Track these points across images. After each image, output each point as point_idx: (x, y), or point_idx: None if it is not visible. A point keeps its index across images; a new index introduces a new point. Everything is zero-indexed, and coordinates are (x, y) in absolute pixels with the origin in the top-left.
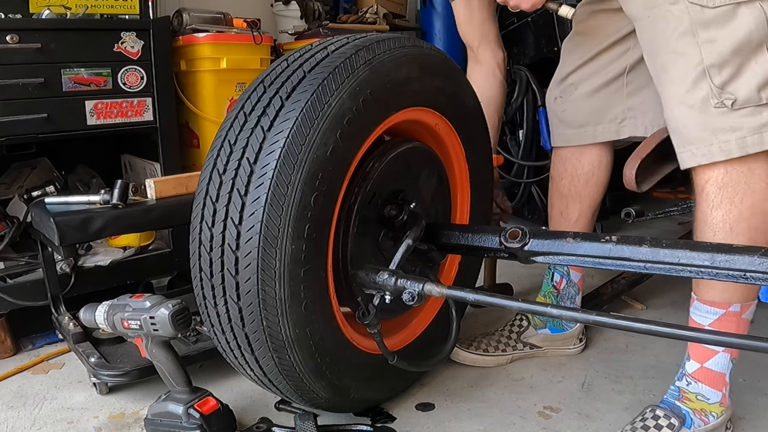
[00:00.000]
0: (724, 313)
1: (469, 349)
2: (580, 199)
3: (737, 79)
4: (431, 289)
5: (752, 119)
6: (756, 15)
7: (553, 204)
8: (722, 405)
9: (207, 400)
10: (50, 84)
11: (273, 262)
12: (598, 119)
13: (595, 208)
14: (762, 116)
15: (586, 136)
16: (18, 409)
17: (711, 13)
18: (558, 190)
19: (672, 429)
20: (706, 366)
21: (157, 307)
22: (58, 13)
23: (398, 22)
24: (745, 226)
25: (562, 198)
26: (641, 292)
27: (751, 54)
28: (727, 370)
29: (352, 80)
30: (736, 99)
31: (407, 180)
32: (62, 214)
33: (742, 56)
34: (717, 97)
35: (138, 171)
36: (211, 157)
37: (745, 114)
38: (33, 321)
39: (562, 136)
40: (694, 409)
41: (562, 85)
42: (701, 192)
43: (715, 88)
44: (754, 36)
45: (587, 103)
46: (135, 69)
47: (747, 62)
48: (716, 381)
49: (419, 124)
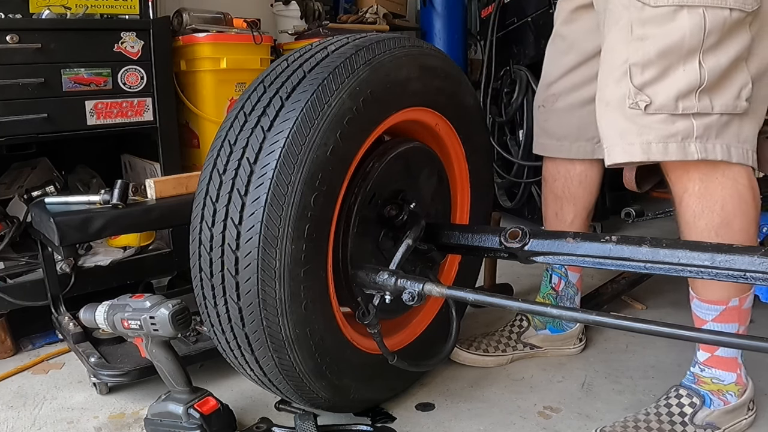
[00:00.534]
0: (724, 309)
1: (469, 350)
2: (574, 200)
3: (658, 83)
4: (431, 289)
5: (663, 126)
6: (695, 21)
7: (548, 205)
8: (738, 384)
9: (207, 400)
10: (50, 84)
11: (273, 262)
12: (576, 135)
13: (590, 209)
14: (674, 126)
15: (562, 150)
16: (18, 409)
17: (651, 12)
18: (552, 192)
19: (693, 407)
20: (716, 354)
21: (157, 307)
22: (58, 13)
23: (398, 22)
24: (728, 230)
25: (556, 199)
26: (641, 292)
27: (680, 60)
28: (738, 353)
29: (352, 80)
30: (651, 102)
31: (407, 180)
32: (62, 214)
33: (670, 60)
34: (632, 97)
35: (138, 171)
36: (211, 157)
37: (657, 120)
38: (33, 321)
39: (541, 145)
40: (711, 390)
41: (546, 93)
42: (680, 202)
43: (633, 88)
44: (687, 42)
45: (568, 117)
46: (135, 69)
47: (673, 67)
48: (729, 365)
49: (419, 124)
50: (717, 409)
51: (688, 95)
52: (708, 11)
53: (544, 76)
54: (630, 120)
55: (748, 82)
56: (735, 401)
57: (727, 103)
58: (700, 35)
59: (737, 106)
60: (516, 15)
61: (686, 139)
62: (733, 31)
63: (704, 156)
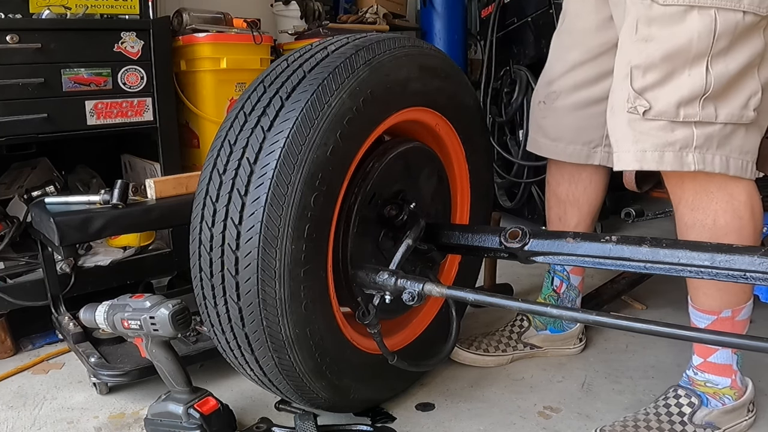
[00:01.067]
0: (715, 319)
1: (469, 349)
2: (578, 205)
3: (659, 88)
4: (431, 289)
5: (661, 134)
6: (706, 23)
7: (551, 208)
8: (733, 388)
9: (207, 400)
10: (50, 84)
11: (273, 262)
12: (572, 138)
13: (594, 214)
14: (673, 134)
15: (558, 152)
16: (18, 409)
17: (659, 11)
18: (555, 195)
19: (692, 407)
20: (709, 360)
21: (157, 307)
22: (58, 13)
23: (398, 22)
24: (718, 240)
25: (560, 203)
26: (641, 292)
27: (686, 64)
28: (733, 360)
29: (352, 80)
30: (650, 108)
31: (407, 180)
32: (62, 214)
33: (674, 64)
34: (632, 101)
35: (138, 171)
36: (211, 157)
37: (655, 127)
38: (33, 321)
39: (534, 141)
40: (706, 392)
41: (547, 90)
42: (676, 210)
43: (633, 91)
44: (694, 45)
45: (567, 117)
46: (135, 69)
47: (678, 72)
48: (722, 371)
49: (419, 124)
50: (716, 409)
51: (692, 102)
52: (720, 13)
53: (546, 71)
54: (629, 125)
55: (758, 91)
56: (732, 403)
57: (733, 112)
58: (709, 38)
59: (743, 115)
60: (516, 15)
61: (684, 149)
62: (745, 35)
63: (702, 167)
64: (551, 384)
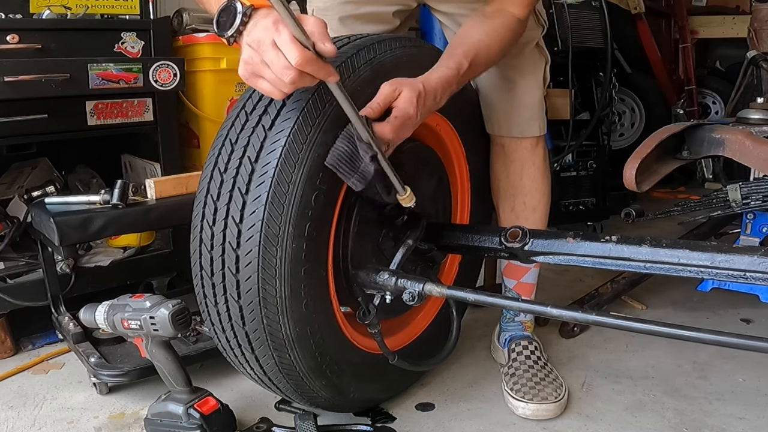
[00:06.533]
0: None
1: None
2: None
3: None
4: (431, 289)
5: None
6: None
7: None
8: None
9: (207, 400)
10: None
11: (273, 260)
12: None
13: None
14: None
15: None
16: (18, 409)
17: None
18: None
19: (538, 350)
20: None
21: (157, 307)
22: (58, 13)
23: None
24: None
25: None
26: (641, 292)
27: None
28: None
29: (353, 80)
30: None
31: (407, 180)
32: (62, 214)
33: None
34: None
35: (138, 171)
36: (212, 156)
37: None
38: (33, 321)
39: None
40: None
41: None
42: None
43: None
44: None
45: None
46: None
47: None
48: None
49: (420, 124)
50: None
51: None
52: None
53: None
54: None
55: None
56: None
57: None
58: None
59: None
60: None
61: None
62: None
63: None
64: None
